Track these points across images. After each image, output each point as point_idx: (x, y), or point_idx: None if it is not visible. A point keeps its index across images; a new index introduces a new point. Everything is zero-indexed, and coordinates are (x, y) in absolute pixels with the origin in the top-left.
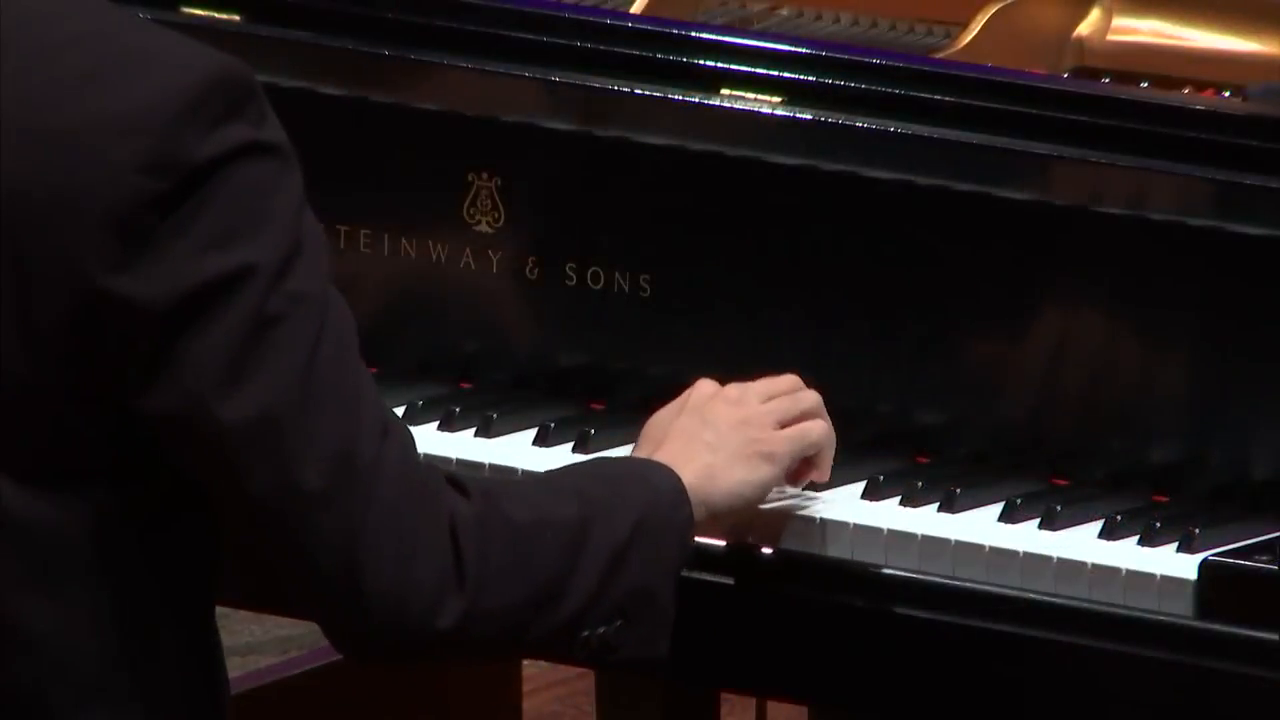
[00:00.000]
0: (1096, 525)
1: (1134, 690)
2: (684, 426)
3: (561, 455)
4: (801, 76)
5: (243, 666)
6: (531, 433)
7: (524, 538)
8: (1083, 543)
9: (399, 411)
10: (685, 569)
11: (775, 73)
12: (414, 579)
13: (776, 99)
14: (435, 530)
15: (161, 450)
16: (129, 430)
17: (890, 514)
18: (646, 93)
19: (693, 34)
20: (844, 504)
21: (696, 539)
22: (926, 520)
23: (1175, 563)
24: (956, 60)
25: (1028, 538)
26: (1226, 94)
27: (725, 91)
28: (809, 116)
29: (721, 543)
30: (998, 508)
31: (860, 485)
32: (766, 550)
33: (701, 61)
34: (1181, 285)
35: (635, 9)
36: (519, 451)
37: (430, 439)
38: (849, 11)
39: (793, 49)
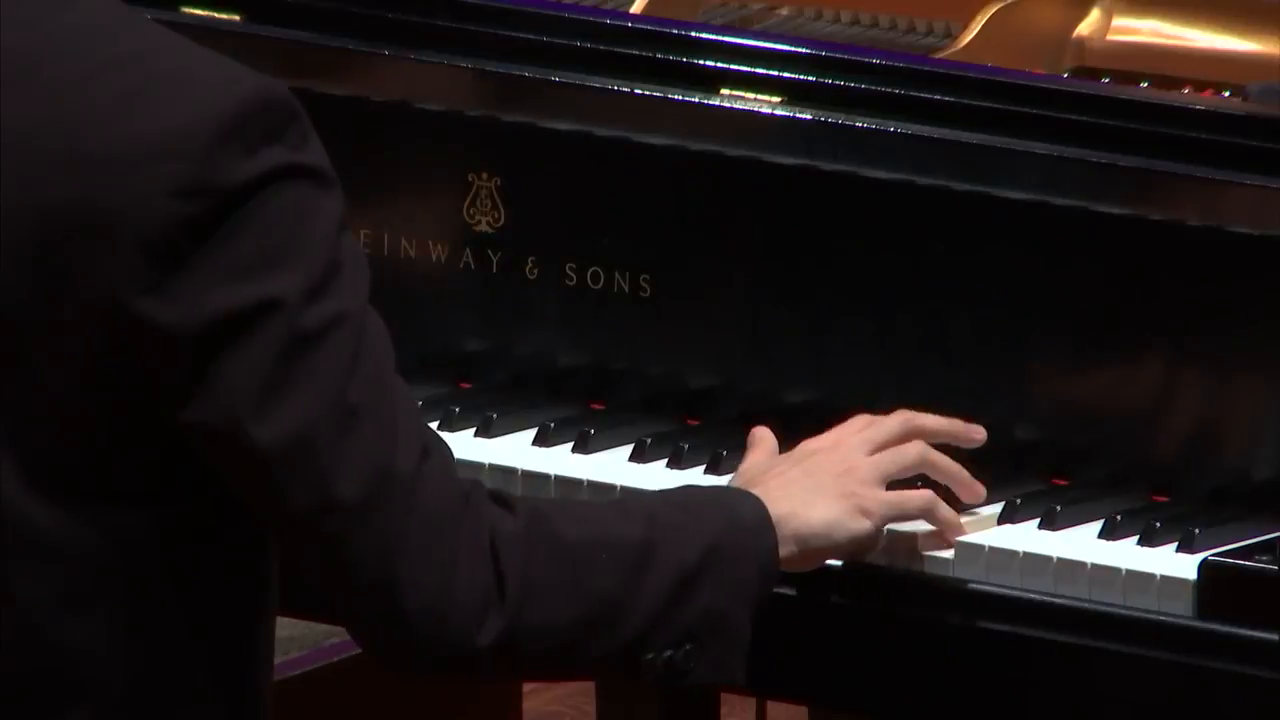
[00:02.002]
0: (1096, 525)
1: (1134, 690)
2: (781, 470)
3: (561, 455)
4: (801, 76)
5: None
6: (531, 433)
7: (575, 556)
8: (1083, 543)
9: None
10: None
11: (775, 73)
12: (453, 595)
13: (776, 99)
14: (475, 546)
15: (205, 469)
16: (167, 452)
17: None
18: (646, 93)
19: (693, 34)
20: None
21: None
22: (927, 521)
23: (1175, 563)
24: (956, 60)
25: (1028, 538)
26: (1226, 94)
27: (725, 91)
28: (809, 116)
29: None
30: (998, 508)
31: None
32: None
33: (701, 61)
34: (1181, 285)
35: (635, 9)
36: (519, 452)
37: None
38: (849, 11)
39: (793, 49)
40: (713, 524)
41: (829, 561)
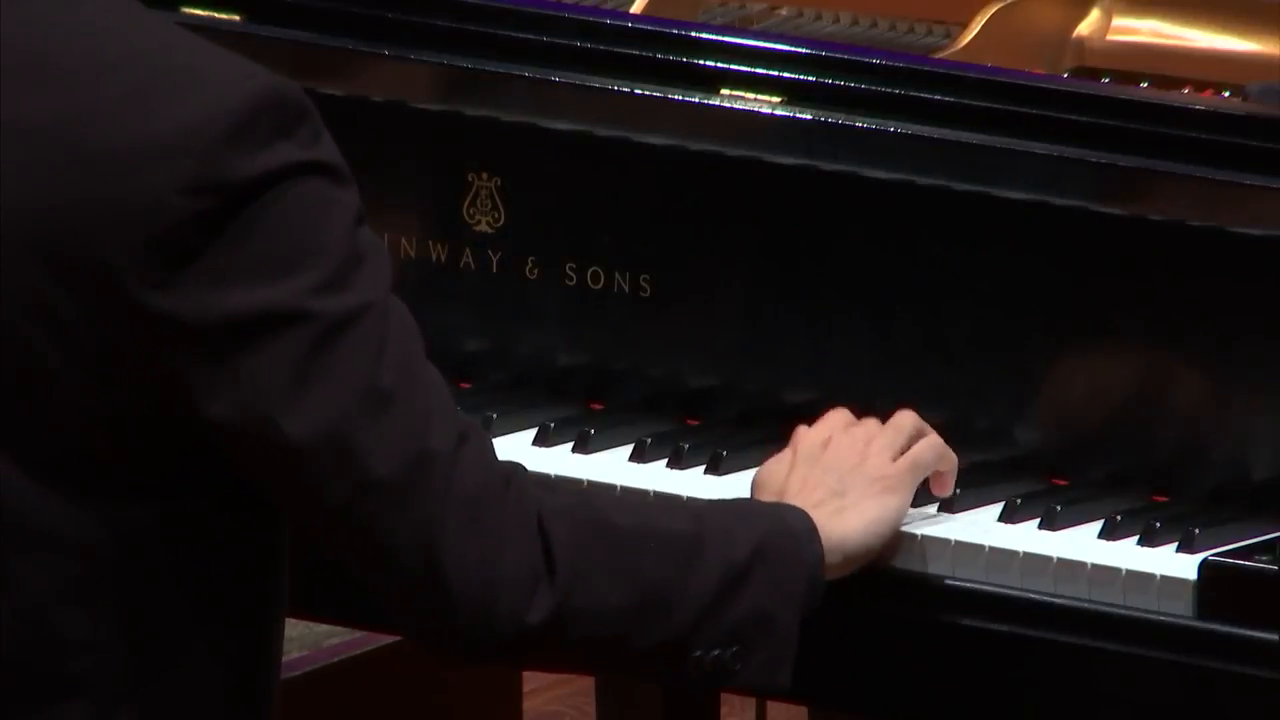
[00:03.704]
0: (1096, 525)
1: (1134, 690)
2: (804, 476)
3: (561, 455)
4: (801, 76)
5: None
6: (531, 433)
7: (624, 541)
8: (1083, 543)
9: None
10: None
11: (775, 73)
12: (499, 573)
13: (776, 99)
14: (520, 524)
15: (229, 466)
16: (176, 449)
17: None
18: (646, 93)
19: (693, 34)
20: None
21: None
22: (926, 520)
23: (1175, 563)
24: (956, 60)
25: (1028, 538)
26: (1226, 94)
27: (725, 91)
28: (809, 116)
29: None
30: (997, 508)
31: None
32: None
33: (701, 61)
34: (1181, 285)
35: (635, 9)
36: (519, 452)
37: None
38: (849, 11)
39: (793, 49)
40: (760, 527)
41: None
